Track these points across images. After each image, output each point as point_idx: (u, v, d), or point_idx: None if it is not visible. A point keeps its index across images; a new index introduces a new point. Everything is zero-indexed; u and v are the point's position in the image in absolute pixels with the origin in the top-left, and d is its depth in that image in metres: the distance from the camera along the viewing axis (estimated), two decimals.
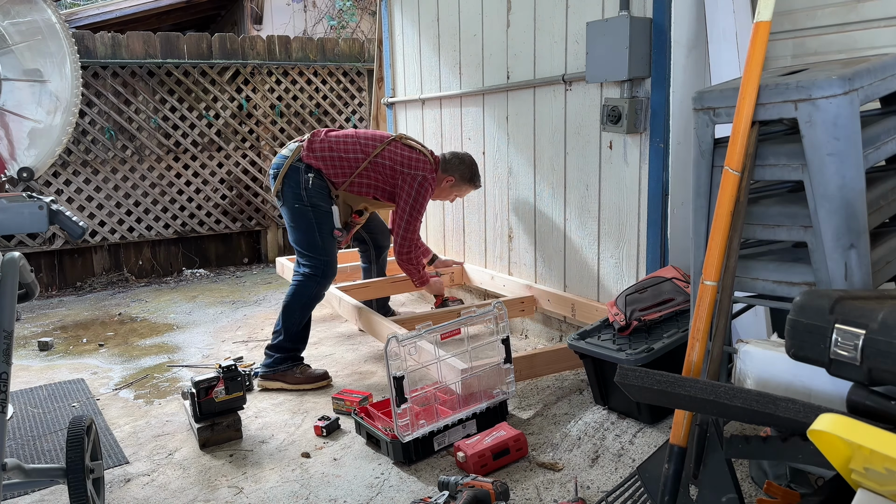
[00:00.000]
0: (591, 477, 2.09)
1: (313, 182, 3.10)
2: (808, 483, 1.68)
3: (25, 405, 2.94)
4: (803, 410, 1.15)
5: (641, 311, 2.45)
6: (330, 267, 3.14)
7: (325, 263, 3.12)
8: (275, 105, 5.73)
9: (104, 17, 6.80)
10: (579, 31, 2.96)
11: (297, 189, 3.10)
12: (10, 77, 1.73)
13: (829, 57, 2.26)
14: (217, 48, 5.47)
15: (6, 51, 1.72)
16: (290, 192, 3.11)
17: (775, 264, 1.62)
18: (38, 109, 1.77)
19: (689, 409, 1.43)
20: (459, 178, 3.43)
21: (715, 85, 1.75)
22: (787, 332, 1.25)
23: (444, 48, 4.03)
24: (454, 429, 2.34)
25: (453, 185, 3.45)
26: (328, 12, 8.20)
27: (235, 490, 2.16)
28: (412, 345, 2.27)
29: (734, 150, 1.53)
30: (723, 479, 1.49)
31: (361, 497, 2.07)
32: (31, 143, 1.78)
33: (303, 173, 3.10)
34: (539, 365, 2.79)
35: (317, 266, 3.11)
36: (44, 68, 1.77)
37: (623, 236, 2.91)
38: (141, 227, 5.38)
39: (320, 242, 3.12)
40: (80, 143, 5.09)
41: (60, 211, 1.69)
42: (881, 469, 0.99)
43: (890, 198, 1.64)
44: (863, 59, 1.61)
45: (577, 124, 3.06)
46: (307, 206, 3.10)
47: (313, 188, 3.09)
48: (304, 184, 3.09)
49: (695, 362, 1.58)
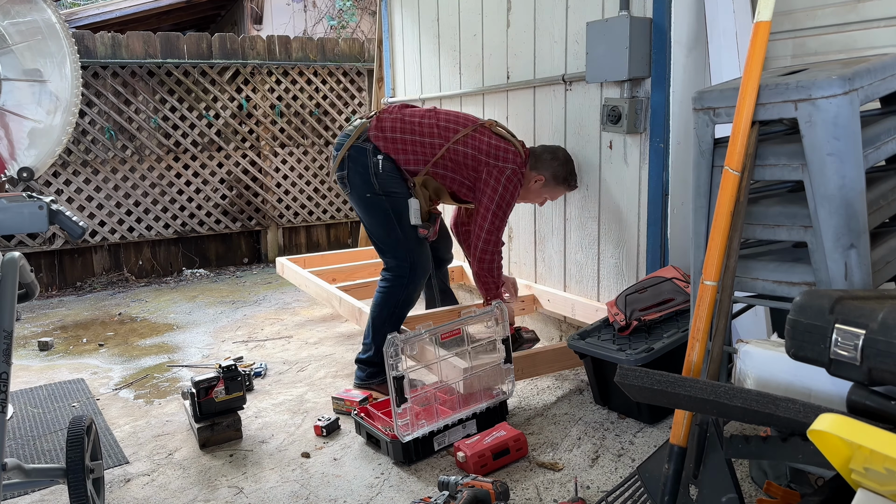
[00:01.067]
0: (591, 477, 2.09)
1: (383, 166, 2.63)
2: (808, 483, 1.68)
3: (25, 405, 2.94)
4: (803, 410, 1.15)
5: (641, 311, 2.45)
6: (418, 265, 2.73)
7: (411, 262, 2.72)
8: (275, 105, 5.73)
9: (104, 17, 6.80)
10: (579, 31, 2.96)
11: (365, 175, 2.65)
12: (10, 77, 1.73)
13: (829, 57, 2.26)
14: (217, 48, 5.47)
15: (6, 51, 1.72)
16: (357, 179, 2.68)
17: (775, 264, 1.62)
18: (38, 109, 1.78)
19: (689, 409, 1.43)
20: (551, 178, 2.84)
21: (715, 85, 1.75)
22: (787, 332, 1.25)
23: (444, 48, 4.03)
24: (454, 429, 2.34)
25: (543, 186, 2.87)
26: (328, 12, 8.20)
27: (235, 490, 2.16)
28: (412, 345, 2.27)
29: (734, 150, 1.53)
30: (723, 479, 1.49)
31: (361, 497, 2.07)
32: (31, 143, 1.78)
33: (370, 155, 2.64)
34: (540, 364, 2.78)
35: (401, 266, 2.73)
36: (44, 68, 1.77)
37: (623, 236, 2.90)
38: (141, 227, 5.37)
39: (402, 236, 2.70)
40: (80, 143, 5.08)
41: (60, 211, 1.69)
42: (881, 469, 0.99)
43: (890, 198, 1.64)
44: (863, 59, 1.61)
45: (577, 124, 3.06)
46: (380, 195, 2.66)
47: (384, 173, 2.63)
48: (374, 168, 2.63)
49: (695, 362, 1.58)
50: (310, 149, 5.92)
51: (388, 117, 2.73)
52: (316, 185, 5.99)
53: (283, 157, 5.83)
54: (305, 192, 5.95)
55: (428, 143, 2.70)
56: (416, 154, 2.69)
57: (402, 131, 2.69)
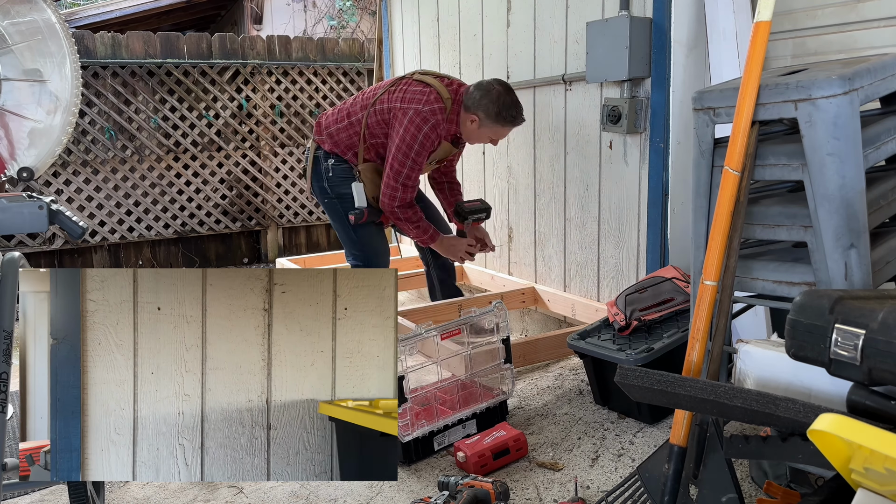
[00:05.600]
0: (591, 477, 2.09)
1: (333, 168, 2.70)
2: (808, 483, 1.68)
3: None
4: (803, 410, 1.15)
5: (641, 311, 2.45)
6: (373, 264, 2.77)
7: (365, 261, 2.78)
8: (275, 105, 5.73)
9: (104, 17, 6.81)
10: (579, 31, 2.96)
11: (320, 181, 2.76)
12: (10, 77, 1.73)
13: (829, 57, 2.26)
14: (217, 48, 5.47)
15: (6, 51, 1.72)
16: (316, 187, 2.80)
17: (775, 264, 1.62)
18: (38, 109, 1.77)
19: (689, 409, 1.43)
20: (485, 116, 2.65)
21: (715, 85, 1.75)
22: (787, 332, 1.25)
23: (444, 48, 4.03)
24: (454, 429, 2.34)
25: (480, 126, 2.68)
26: (328, 12, 8.20)
27: (235, 490, 2.16)
28: (412, 344, 2.27)
29: (734, 150, 1.53)
30: (723, 479, 1.49)
31: (361, 497, 2.07)
32: (31, 143, 1.78)
33: (322, 161, 2.74)
34: (541, 350, 2.81)
35: (357, 266, 2.81)
36: (44, 68, 1.77)
37: (623, 236, 2.91)
38: (141, 227, 5.38)
39: (355, 237, 2.77)
40: (80, 143, 5.09)
41: (60, 211, 1.68)
42: (881, 469, 0.99)
43: (890, 198, 1.64)
44: (863, 59, 1.61)
45: (577, 124, 3.06)
46: (333, 199, 2.75)
47: (335, 176, 2.71)
48: (325, 173, 2.72)
49: (695, 362, 1.58)
50: None
51: (325, 114, 2.79)
52: None
53: (283, 157, 5.83)
54: (305, 192, 5.95)
55: (355, 120, 2.67)
56: (349, 136, 2.68)
57: (336, 122, 2.72)
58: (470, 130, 2.72)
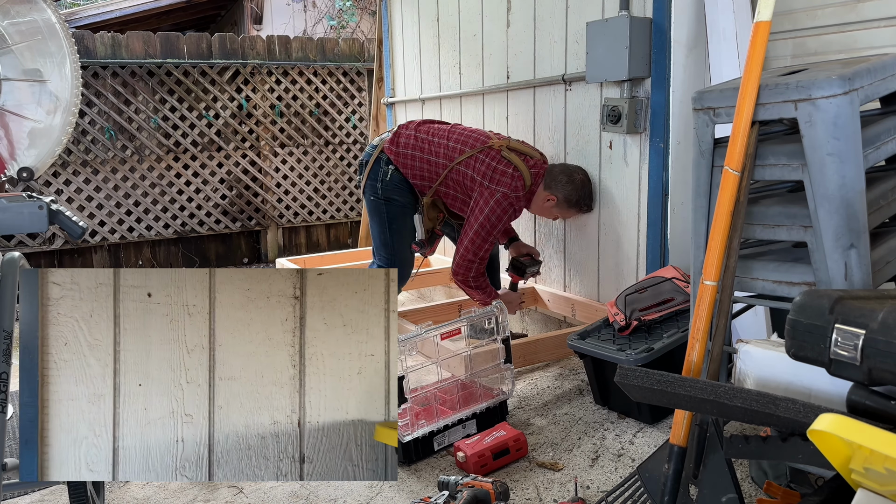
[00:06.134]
0: (591, 477, 2.09)
1: (392, 176, 2.84)
2: (808, 483, 1.68)
3: None
4: (803, 410, 1.15)
5: (641, 311, 2.45)
6: (399, 269, 2.89)
7: (390, 265, 2.89)
8: (275, 105, 5.73)
9: (104, 17, 6.81)
10: (579, 31, 2.96)
11: (374, 180, 2.89)
12: (10, 77, 1.73)
13: (829, 57, 2.26)
14: (217, 48, 5.47)
15: (6, 51, 1.72)
16: (369, 185, 2.92)
17: (775, 264, 1.62)
18: (38, 109, 1.77)
19: (689, 409, 1.43)
20: (563, 200, 2.86)
21: (715, 85, 1.75)
22: (787, 332, 1.25)
23: (444, 48, 4.03)
24: (454, 429, 2.34)
25: (555, 206, 2.89)
26: (328, 12, 8.20)
27: (235, 490, 2.16)
28: (412, 344, 2.27)
29: (734, 150, 1.53)
30: (723, 479, 1.49)
31: (361, 497, 2.07)
32: (31, 143, 1.78)
33: (383, 165, 2.87)
34: (541, 350, 2.81)
35: (381, 266, 2.92)
36: (44, 68, 1.77)
37: (623, 236, 2.91)
38: (141, 227, 5.38)
39: (391, 241, 2.90)
40: (80, 143, 5.09)
41: (60, 211, 1.69)
42: (881, 469, 0.99)
43: (890, 198, 1.64)
44: (863, 59, 1.61)
45: (577, 124, 3.06)
46: (381, 200, 2.88)
47: (391, 181, 2.85)
48: (384, 176, 2.85)
49: (695, 362, 1.58)
50: (310, 149, 5.92)
51: (404, 132, 2.91)
52: (316, 185, 5.99)
53: (282, 157, 5.83)
54: (305, 192, 5.95)
55: (434, 161, 2.85)
56: (422, 171, 2.86)
57: (414, 148, 2.87)
58: (542, 205, 2.90)
